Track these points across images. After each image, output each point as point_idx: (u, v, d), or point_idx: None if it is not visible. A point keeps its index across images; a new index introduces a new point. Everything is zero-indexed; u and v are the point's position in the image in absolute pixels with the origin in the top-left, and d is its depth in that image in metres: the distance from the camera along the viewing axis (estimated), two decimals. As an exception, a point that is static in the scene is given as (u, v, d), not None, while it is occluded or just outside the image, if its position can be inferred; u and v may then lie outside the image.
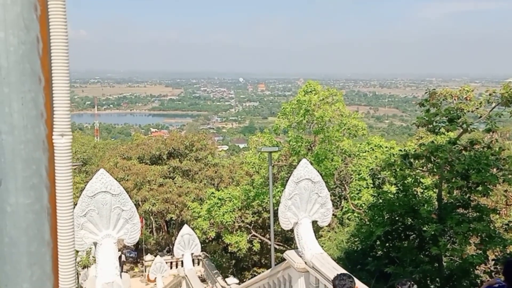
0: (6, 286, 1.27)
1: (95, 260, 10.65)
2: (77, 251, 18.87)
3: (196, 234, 21.10)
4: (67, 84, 1.28)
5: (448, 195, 13.54)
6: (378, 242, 14.98)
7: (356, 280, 6.25)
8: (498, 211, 14.57)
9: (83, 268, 23.77)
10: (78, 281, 22.36)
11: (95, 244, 9.30)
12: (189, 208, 26.83)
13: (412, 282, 5.98)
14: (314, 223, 10.44)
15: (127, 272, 30.17)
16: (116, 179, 9.53)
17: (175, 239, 21.36)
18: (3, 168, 1.23)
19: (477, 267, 13.72)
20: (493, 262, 12.95)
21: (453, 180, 12.72)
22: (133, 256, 34.83)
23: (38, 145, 1.26)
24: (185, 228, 19.79)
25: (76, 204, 8.89)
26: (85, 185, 8.86)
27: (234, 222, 24.49)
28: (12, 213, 1.24)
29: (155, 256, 29.64)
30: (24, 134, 1.25)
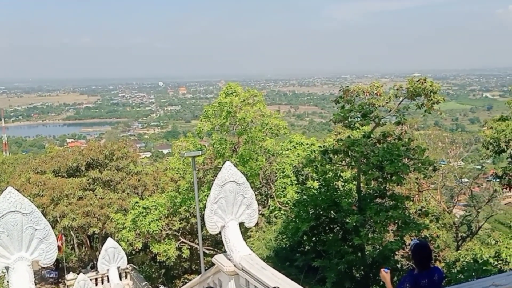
0: None
1: (9, 286, 9.84)
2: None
3: (121, 246, 20.29)
4: None
5: (366, 186, 14.27)
6: (305, 237, 15.40)
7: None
8: (411, 198, 15.67)
9: (-4, 295, 21.83)
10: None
11: (7, 268, 8.59)
12: (113, 220, 25.72)
13: None
14: (242, 224, 10.46)
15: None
16: (29, 195, 8.92)
17: (99, 253, 20.35)
18: None
19: (396, 253, 14.60)
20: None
21: (369, 172, 13.42)
22: (54, 276, 32.68)
23: None
24: (109, 241, 18.96)
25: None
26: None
27: (161, 230, 23.90)
28: None
29: (78, 274, 28.04)
30: None
